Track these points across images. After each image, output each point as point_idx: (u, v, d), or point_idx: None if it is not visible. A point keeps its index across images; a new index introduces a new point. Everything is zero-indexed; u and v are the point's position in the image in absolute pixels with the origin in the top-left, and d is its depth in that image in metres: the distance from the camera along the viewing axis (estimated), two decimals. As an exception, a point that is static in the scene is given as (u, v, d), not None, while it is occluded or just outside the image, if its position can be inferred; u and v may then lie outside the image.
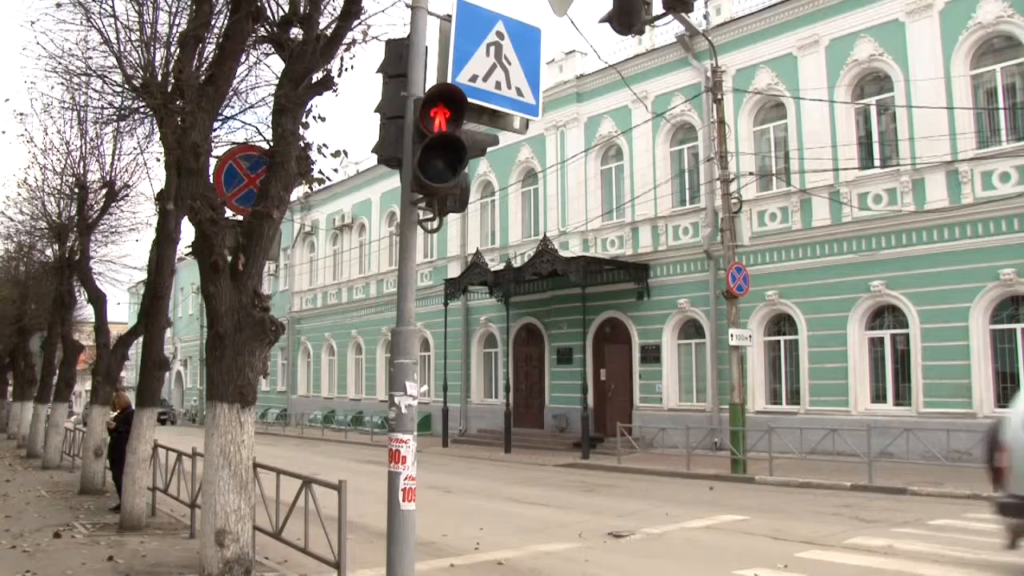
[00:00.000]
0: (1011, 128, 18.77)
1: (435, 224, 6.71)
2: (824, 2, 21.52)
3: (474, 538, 11.04)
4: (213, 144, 8.72)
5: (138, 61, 9.87)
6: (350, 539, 7.79)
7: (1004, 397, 18.20)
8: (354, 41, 8.02)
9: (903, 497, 14.71)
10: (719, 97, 19.45)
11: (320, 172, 8.69)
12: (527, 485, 17.80)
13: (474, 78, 6.79)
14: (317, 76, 7.94)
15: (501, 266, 27.02)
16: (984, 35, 18.87)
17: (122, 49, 9.92)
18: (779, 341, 22.31)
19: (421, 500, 6.88)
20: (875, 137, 21.06)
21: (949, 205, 18.98)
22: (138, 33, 9.83)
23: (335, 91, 8.15)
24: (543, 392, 28.37)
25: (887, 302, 20.04)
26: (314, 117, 8.30)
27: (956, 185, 18.91)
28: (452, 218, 27.40)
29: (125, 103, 10.95)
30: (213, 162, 8.50)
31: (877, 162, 20.82)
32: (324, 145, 8.63)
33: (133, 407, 12.60)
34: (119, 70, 9.97)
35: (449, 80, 6.60)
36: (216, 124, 9.14)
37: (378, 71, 6.83)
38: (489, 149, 7.15)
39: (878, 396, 20.23)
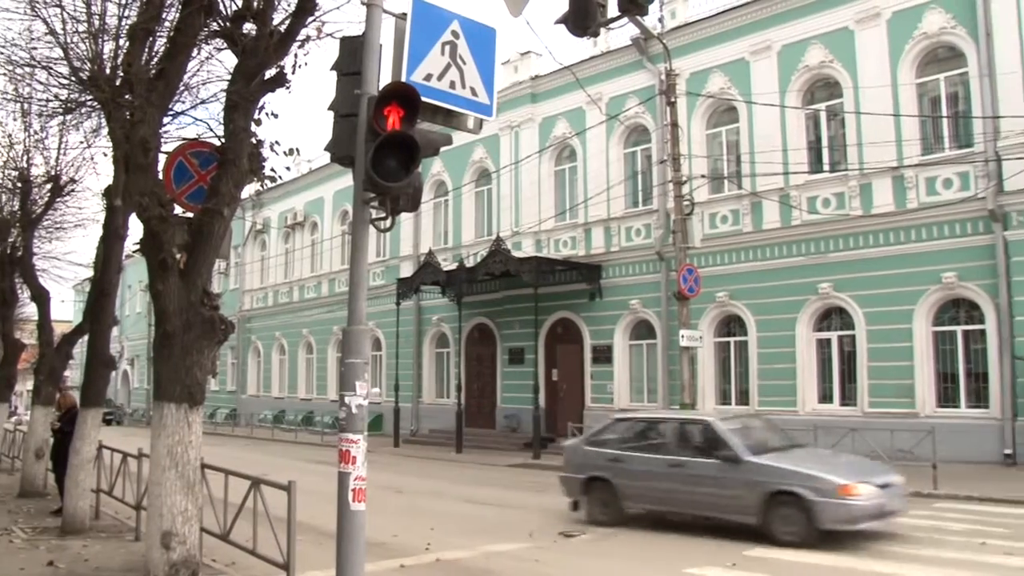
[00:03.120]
0: (954, 136, 19.25)
1: (387, 223, 6.66)
2: (776, 8, 21.81)
3: (425, 538, 11.01)
4: (163, 140, 8.59)
5: (86, 53, 9.66)
6: (300, 540, 7.72)
7: (945, 397, 18.67)
8: (308, 38, 7.96)
9: (849, 496, 14.91)
10: (673, 100, 19.60)
11: (272, 170, 8.60)
12: (478, 485, 17.78)
13: (428, 77, 6.76)
14: (270, 73, 7.86)
15: (454, 266, 26.97)
16: (929, 45, 19.29)
17: (68, 40, 9.70)
18: (729, 342, 22.56)
19: (372, 500, 6.83)
20: (824, 142, 21.40)
21: (895, 210, 19.36)
22: (85, 24, 9.62)
23: (288, 88, 8.07)
24: (495, 392, 28.37)
25: (834, 304, 20.38)
26: (267, 114, 8.21)
27: (902, 190, 19.29)
28: (405, 217, 27.26)
29: (72, 96, 10.72)
30: (163, 158, 8.37)
31: (826, 166, 21.16)
32: (276, 142, 8.55)
33: (78, 407, 12.35)
34: (65, 62, 9.75)
35: (403, 79, 6.56)
36: (166, 119, 9.00)
37: (332, 68, 6.77)
38: (443, 149, 7.13)
39: (825, 396, 20.56)
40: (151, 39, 9.10)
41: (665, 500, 11.95)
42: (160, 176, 8.11)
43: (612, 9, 9.01)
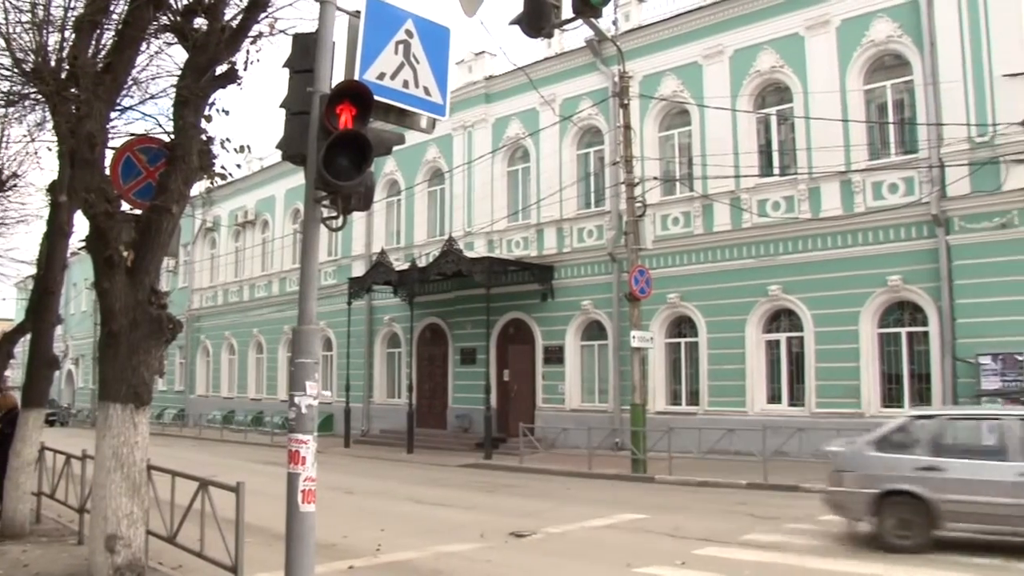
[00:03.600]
0: (899, 142, 19.65)
1: (339, 222, 6.61)
2: (729, 14, 22.06)
3: (375, 539, 10.95)
4: (110, 135, 8.43)
5: (29, 44, 9.42)
6: (248, 542, 7.63)
7: (890, 398, 19.02)
8: (260, 34, 7.87)
9: (796, 494, 15.15)
10: (626, 102, 19.71)
11: (223, 167, 8.50)
12: (429, 486, 17.73)
13: (382, 76, 6.72)
14: (221, 68, 7.75)
15: (406, 266, 26.86)
16: (876, 52, 19.67)
17: (11, 31, 9.47)
18: (680, 343, 22.75)
19: (322, 501, 6.78)
20: (775, 146, 21.70)
21: (842, 213, 19.69)
22: (29, 15, 9.40)
23: (240, 84, 7.97)
24: (446, 392, 28.31)
25: (783, 306, 20.65)
26: (218, 110, 8.11)
27: (849, 194, 19.62)
28: (357, 217, 27.10)
29: (14, 88, 10.46)
30: (110, 154, 8.21)
31: (776, 170, 21.43)
32: (227, 139, 8.45)
33: (19, 408, 12.08)
34: (7, 53, 9.52)
35: (356, 77, 6.52)
36: (114, 114, 8.83)
37: (284, 66, 6.70)
38: (395, 148, 7.09)
39: (774, 397, 20.84)
40: (98, 31, 8.92)
41: (1008, 520, 9.45)
42: (107, 172, 7.96)
43: (566, 11, 9.05)
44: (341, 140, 6.13)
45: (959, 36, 18.19)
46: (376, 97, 6.41)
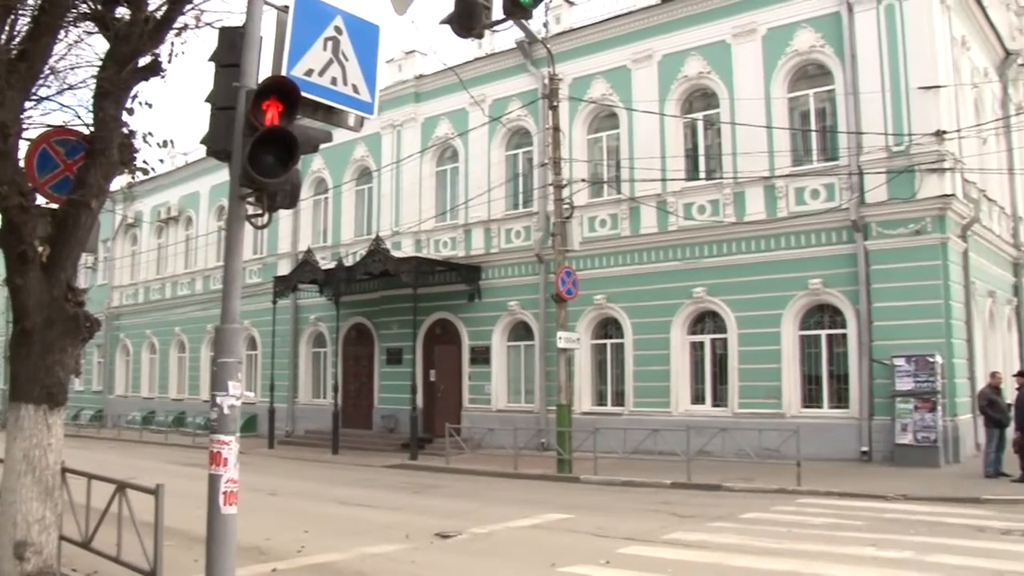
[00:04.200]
0: (821, 149, 20.18)
1: (264, 220, 6.52)
2: (658, 19, 22.35)
3: (299, 541, 10.81)
4: (25, 126, 8.16)
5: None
6: (168, 545, 7.46)
7: (809, 398, 19.50)
8: (186, 26, 7.71)
9: (718, 493, 15.42)
10: (555, 104, 19.79)
11: (145, 161, 8.30)
12: (355, 486, 17.58)
13: (309, 72, 6.65)
14: (144, 60, 7.57)
15: (332, 265, 26.58)
16: (800, 62, 20.16)
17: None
18: (606, 344, 22.95)
19: (244, 503, 6.67)
20: (701, 150, 22.03)
21: (766, 218, 20.10)
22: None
23: (163, 77, 7.80)
24: (372, 393, 28.09)
25: (708, 308, 20.99)
26: (140, 103, 7.93)
27: (773, 199, 20.03)
28: (283, 215, 26.83)
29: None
30: (25, 145, 7.95)
31: (702, 174, 21.77)
32: (150, 133, 8.26)
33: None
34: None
35: (284, 73, 6.44)
36: (29, 104, 8.54)
37: (210, 59, 6.59)
38: (323, 146, 7.03)
39: (698, 398, 21.17)
40: (12, 17, 8.63)
41: None
42: (21, 164, 7.71)
43: (497, 11, 9.07)
44: (267, 137, 6.06)
45: (878, 49, 18.79)
46: (303, 94, 6.35)
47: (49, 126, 9.10)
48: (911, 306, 17.92)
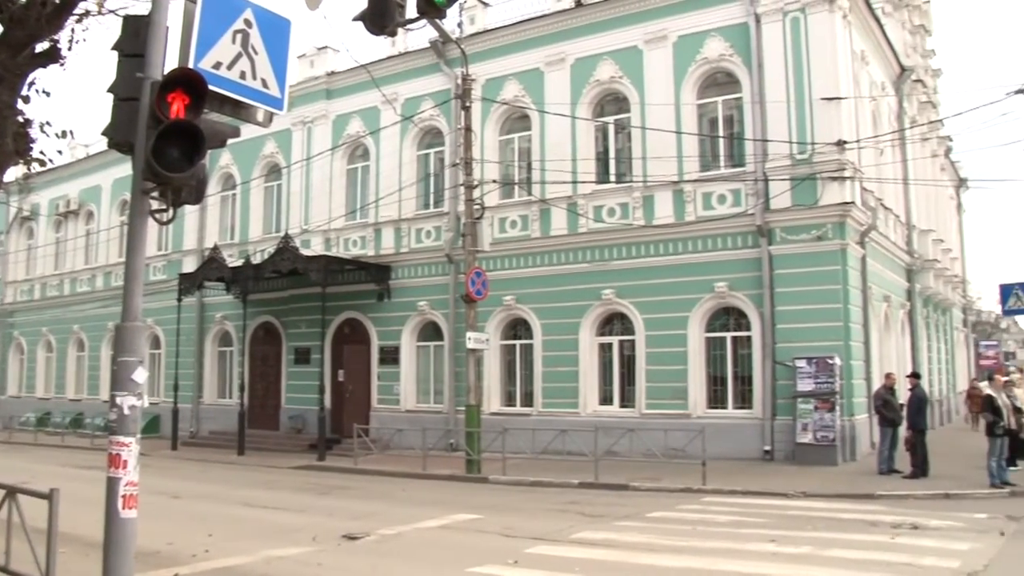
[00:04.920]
0: (728, 155, 20.65)
1: (168, 215, 6.36)
2: (572, 23, 22.55)
3: (203, 545, 10.56)
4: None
5: None
6: (62, 552, 7.20)
7: (715, 399, 19.91)
8: (87, 12, 7.48)
9: (625, 492, 15.63)
10: (467, 105, 19.77)
11: (42, 152, 8.03)
12: (261, 488, 17.27)
13: (218, 65, 6.51)
14: (42, 46, 7.31)
15: (240, 262, 26.09)
16: (709, 69, 20.61)
17: None
18: (515, 345, 23.04)
19: (145, 507, 6.49)
20: (612, 154, 22.32)
21: (674, 221, 20.45)
22: None
23: (63, 64, 7.54)
24: (279, 393, 27.65)
25: (616, 310, 21.26)
26: (37, 91, 7.65)
27: (681, 203, 20.40)
28: (190, 210, 26.14)
29: None
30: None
31: (612, 177, 22.05)
32: (47, 123, 7.98)
33: None
34: None
35: (191, 65, 6.29)
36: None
37: (113, 48, 6.39)
38: (232, 141, 6.90)
39: (606, 399, 21.42)
40: None
41: None
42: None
43: (411, 10, 9.04)
44: (172, 130, 5.91)
45: (784, 60, 19.35)
46: (211, 87, 6.21)
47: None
48: (812, 309, 18.48)
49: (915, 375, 18.62)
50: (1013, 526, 11.52)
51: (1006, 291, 24.76)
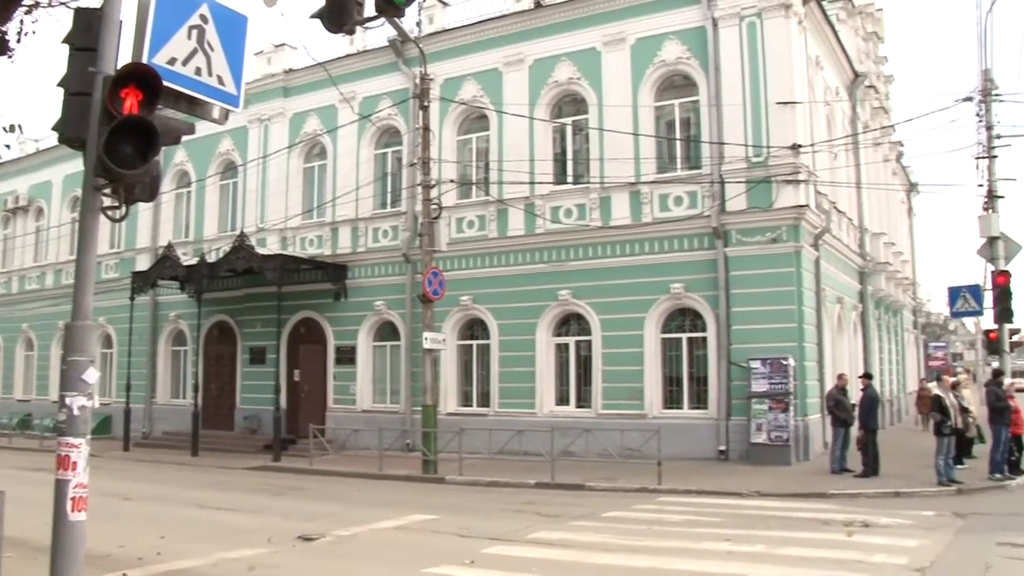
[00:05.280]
0: (685, 157, 20.82)
1: (121, 213, 6.26)
2: (530, 24, 22.58)
3: (154, 547, 10.39)
4: None
5: None
6: (8, 557, 7.08)
7: (670, 399, 20.07)
8: (37, 3, 7.33)
9: (581, 492, 15.68)
10: (426, 104, 19.69)
11: (-11, 147, 7.84)
12: (215, 489, 17.06)
13: (172, 61, 6.42)
14: (-11, 38, 7.17)
15: (194, 261, 25.73)
16: (666, 72, 20.77)
17: None
18: (472, 345, 23.03)
19: (95, 509, 6.38)
20: (569, 155, 22.39)
21: (631, 223, 20.57)
22: None
23: (11, 57, 7.39)
24: (234, 393, 27.35)
25: (573, 310, 21.33)
26: (-17, 84, 7.47)
27: (638, 205, 20.53)
28: (143, 208, 25.79)
29: None
30: None
31: (570, 178, 22.12)
32: (-6, 117, 7.80)
33: None
34: None
35: (144, 60, 6.19)
36: None
37: (64, 41, 6.27)
38: (187, 138, 6.82)
39: (562, 399, 21.49)
40: None
41: None
42: None
43: (369, 8, 8.99)
44: (125, 126, 5.82)
45: (740, 64, 19.57)
46: (165, 83, 6.12)
47: None
48: (767, 311, 18.69)
49: (867, 376, 18.95)
50: (960, 523, 11.76)
51: (954, 294, 25.24)
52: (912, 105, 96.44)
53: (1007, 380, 18.18)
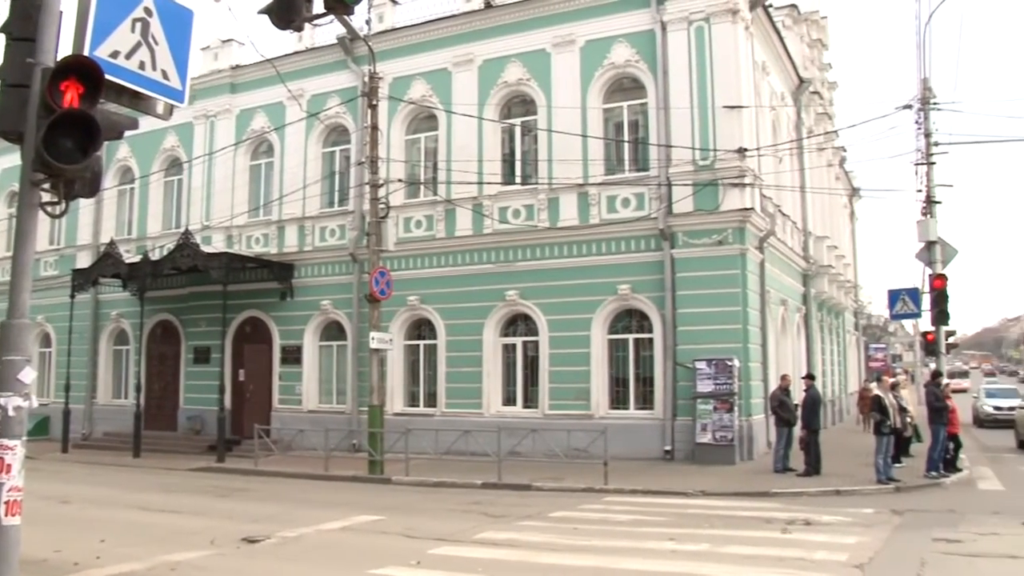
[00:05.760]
0: (633, 160, 20.98)
1: (60, 208, 6.14)
2: (480, 24, 22.58)
3: (94, 551, 10.18)
4: None
5: None
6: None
7: (617, 400, 20.20)
8: (-28, -10, 7.13)
9: (528, 493, 15.72)
10: (374, 103, 19.57)
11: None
12: (157, 491, 16.79)
13: (115, 54, 6.31)
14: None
15: (137, 258, 25.28)
16: (616, 75, 20.91)
17: None
18: (419, 345, 22.96)
19: (31, 513, 6.25)
20: (518, 155, 22.43)
21: (579, 224, 20.66)
22: None
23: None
24: (178, 393, 26.94)
25: (520, 311, 21.37)
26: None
27: (585, 206, 20.63)
28: (85, 204, 25.34)
29: None
30: None
31: (518, 179, 22.14)
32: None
33: None
34: None
35: (86, 52, 6.08)
36: None
37: (0, 31, 6.12)
38: (130, 133, 6.72)
39: (509, 399, 21.52)
40: None
41: None
42: None
43: (318, 5, 8.90)
44: (65, 119, 5.71)
45: (688, 68, 19.77)
46: (107, 76, 6.01)
47: None
48: (712, 312, 18.90)
49: (810, 376, 19.25)
50: (898, 520, 12.01)
51: (894, 296, 25.71)
52: (855, 111, 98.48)
53: (944, 380, 18.67)
